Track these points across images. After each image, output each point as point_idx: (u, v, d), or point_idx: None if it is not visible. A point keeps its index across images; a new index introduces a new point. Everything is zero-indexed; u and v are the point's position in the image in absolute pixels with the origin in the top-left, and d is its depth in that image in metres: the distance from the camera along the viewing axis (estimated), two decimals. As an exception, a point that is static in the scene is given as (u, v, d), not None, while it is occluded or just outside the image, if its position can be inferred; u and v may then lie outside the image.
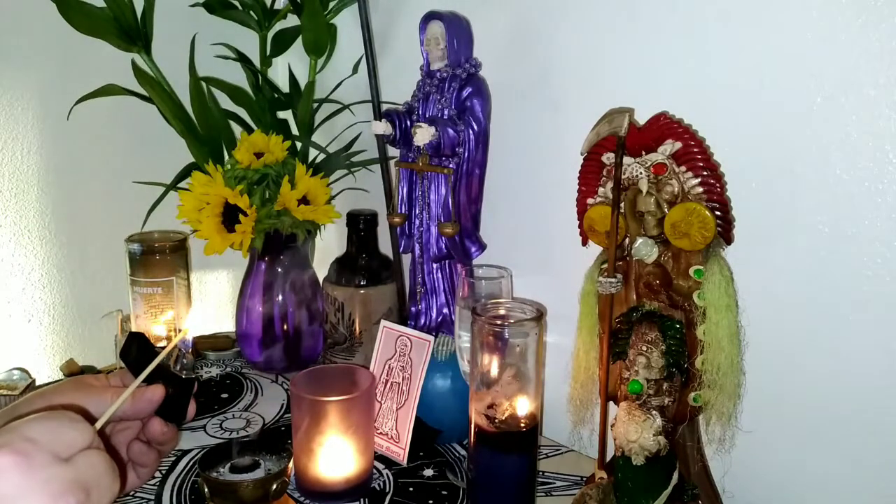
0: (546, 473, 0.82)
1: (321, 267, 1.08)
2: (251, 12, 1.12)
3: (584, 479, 0.79)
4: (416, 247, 0.89)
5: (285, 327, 1.06)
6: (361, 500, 0.77)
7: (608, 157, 0.70)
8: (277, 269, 1.06)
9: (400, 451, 0.84)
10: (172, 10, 1.10)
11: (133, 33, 1.02)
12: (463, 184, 0.85)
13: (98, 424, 0.45)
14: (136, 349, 0.55)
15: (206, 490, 0.69)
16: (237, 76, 1.14)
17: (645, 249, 0.67)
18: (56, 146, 1.13)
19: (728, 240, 0.66)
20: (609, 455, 0.72)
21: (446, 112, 0.85)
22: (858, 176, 0.64)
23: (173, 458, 0.83)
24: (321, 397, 0.75)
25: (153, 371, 0.53)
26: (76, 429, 0.41)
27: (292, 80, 1.15)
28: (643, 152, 0.68)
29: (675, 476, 0.66)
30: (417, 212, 0.88)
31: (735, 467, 0.71)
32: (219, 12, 1.13)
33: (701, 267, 0.65)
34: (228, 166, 1.01)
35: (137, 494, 0.76)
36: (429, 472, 0.82)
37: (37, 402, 0.50)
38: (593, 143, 0.69)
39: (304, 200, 0.98)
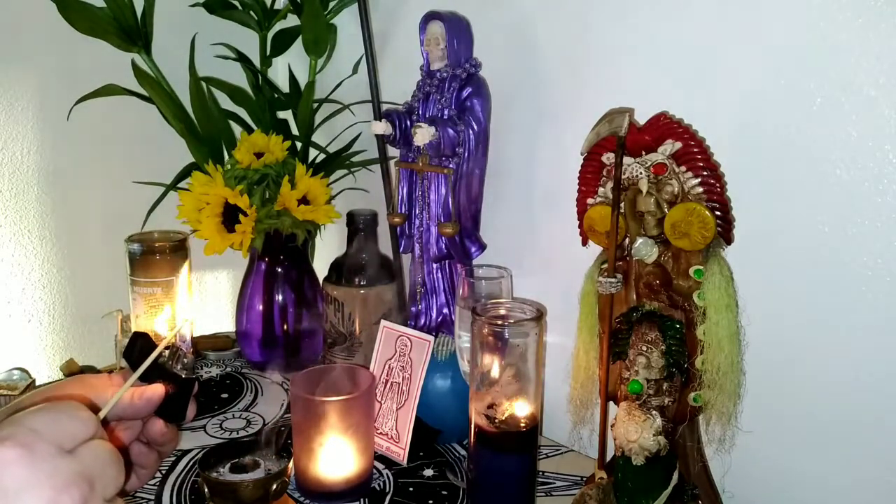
0: (546, 473, 0.82)
1: (321, 267, 1.08)
2: (251, 12, 1.12)
3: (584, 479, 0.79)
4: (416, 247, 0.89)
5: (285, 327, 1.06)
6: (361, 500, 0.77)
7: (608, 157, 0.70)
8: (277, 269, 1.06)
9: (400, 451, 0.84)
10: (172, 10, 1.10)
11: (133, 33, 1.02)
12: (463, 184, 0.85)
13: (101, 414, 0.45)
14: (140, 349, 0.55)
15: (206, 490, 0.69)
16: (237, 76, 1.13)
17: (645, 249, 0.67)
18: (56, 146, 1.13)
19: (728, 240, 0.65)
20: (609, 455, 0.72)
21: (446, 112, 0.85)
22: (858, 176, 0.64)
23: (173, 458, 0.83)
24: (321, 397, 0.75)
25: (153, 371, 0.53)
26: (80, 419, 0.41)
27: (292, 80, 1.15)
28: (643, 152, 0.68)
29: (675, 476, 0.66)
30: (417, 212, 0.88)
31: (735, 467, 0.71)
32: (219, 12, 1.13)
33: (701, 267, 0.65)
34: (228, 166, 1.01)
35: (137, 494, 0.76)
36: (429, 472, 0.82)
37: (38, 401, 0.50)
38: (593, 143, 0.69)
39: (304, 200, 0.98)
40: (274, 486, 0.69)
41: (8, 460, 0.36)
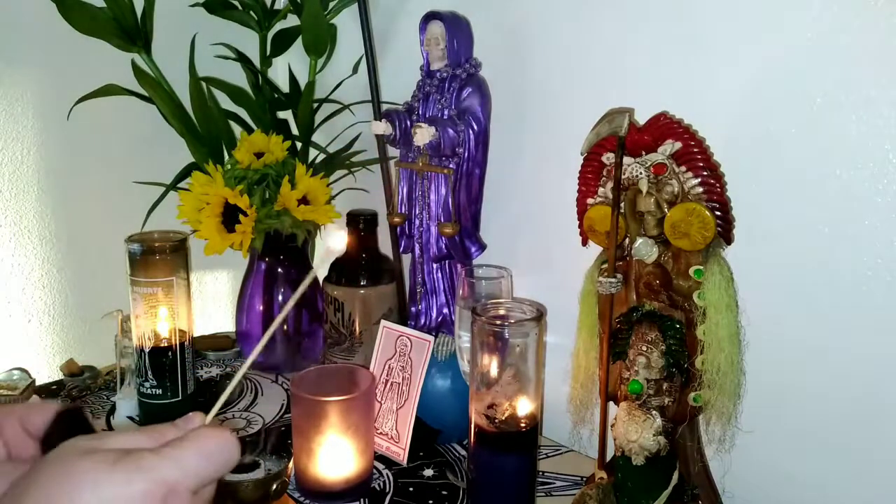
0: (546, 473, 0.82)
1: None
2: (251, 12, 1.12)
3: (584, 479, 0.79)
4: (416, 247, 0.89)
5: (285, 327, 1.06)
6: (361, 500, 0.77)
7: (608, 157, 0.70)
8: (277, 269, 1.06)
9: (400, 451, 0.84)
10: (172, 10, 1.10)
11: (133, 33, 1.02)
12: (463, 184, 0.85)
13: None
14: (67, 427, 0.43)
15: (206, 490, 0.69)
16: (237, 76, 1.13)
17: (645, 249, 0.67)
18: (56, 146, 1.12)
19: (728, 240, 0.65)
20: (609, 455, 0.72)
21: (446, 112, 0.85)
22: (858, 176, 0.64)
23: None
24: (321, 397, 0.75)
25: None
26: (222, 464, 0.38)
27: (292, 80, 1.15)
28: (643, 152, 0.68)
29: (675, 476, 0.66)
30: (417, 212, 0.88)
31: (735, 467, 0.71)
32: (219, 12, 1.13)
33: (701, 267, 0.65)
34: (228, 166, 1.00)
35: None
36: (429, 472, 0.82)
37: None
38: (593, 143, 0.69)
39: (304, 200, 0.98)
40: (274, 486, 0.69)
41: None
